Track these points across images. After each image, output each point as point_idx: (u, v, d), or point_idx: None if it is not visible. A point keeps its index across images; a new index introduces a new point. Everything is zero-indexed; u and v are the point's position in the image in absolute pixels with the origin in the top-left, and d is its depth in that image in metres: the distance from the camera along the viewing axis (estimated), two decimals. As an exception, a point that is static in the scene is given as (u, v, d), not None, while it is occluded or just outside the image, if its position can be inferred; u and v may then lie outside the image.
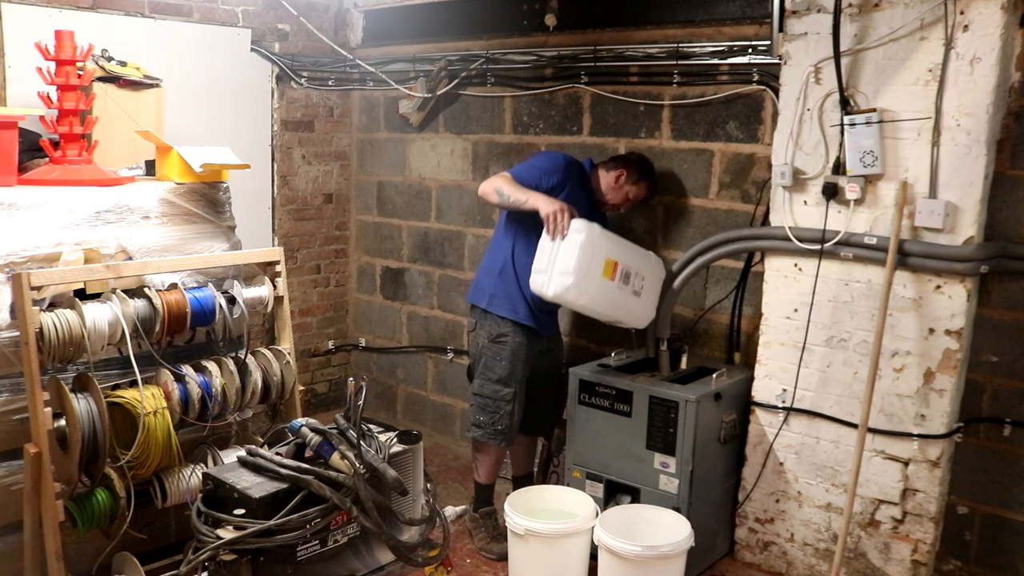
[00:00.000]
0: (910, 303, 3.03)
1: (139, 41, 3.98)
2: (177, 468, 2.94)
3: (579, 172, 3.53)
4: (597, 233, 3.25)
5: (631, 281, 3.34)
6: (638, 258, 3.41)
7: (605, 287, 3.26)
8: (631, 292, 3.34)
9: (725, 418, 3.38)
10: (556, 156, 3.51)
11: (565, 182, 3.43)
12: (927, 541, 3.09)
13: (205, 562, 2.17)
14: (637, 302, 3.38)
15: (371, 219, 5.07)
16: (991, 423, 3.08)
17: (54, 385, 2.73)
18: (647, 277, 3.41)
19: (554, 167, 3.43)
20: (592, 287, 3.23)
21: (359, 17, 4.83)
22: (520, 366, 3.47)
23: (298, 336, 4.81)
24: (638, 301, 3.38)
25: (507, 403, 3.46)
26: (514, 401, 3.48)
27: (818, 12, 3.11)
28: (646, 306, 3.42)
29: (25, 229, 2.84)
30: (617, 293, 3.30)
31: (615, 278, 3.28)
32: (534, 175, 3.39)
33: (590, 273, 3.21)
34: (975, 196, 2.87)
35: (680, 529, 3.05)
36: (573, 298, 3.25)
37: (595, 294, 3.26)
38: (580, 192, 3.49)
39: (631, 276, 3.34)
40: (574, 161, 3.54)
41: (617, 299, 3.32)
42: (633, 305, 3.37)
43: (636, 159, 3.59)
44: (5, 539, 2.87)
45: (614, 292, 3.29)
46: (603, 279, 3.24)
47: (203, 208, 3.28)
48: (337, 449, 2.35)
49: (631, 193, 3.54)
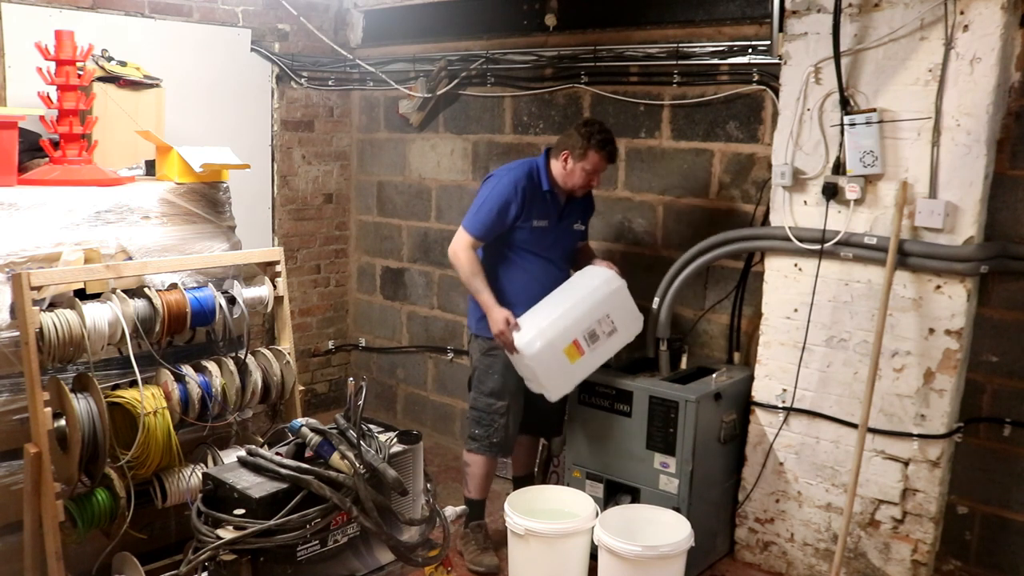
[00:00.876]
0: (910, 303, 3.03)
1: (139, 41, 3.98)
2: (177, 468, 2.94)
3: (535, 179, 3.37)
4: (545, 335, 3.20)
5: (599, 335, 3.31)
6: (599, 298, 3.33)
7: (582, 365, 3.29)
8: (606, 336, 3.33)
9: (725, 418, 3.38)
10: (503, 185, 3.32)
11: (522, 206, 3.32)
12: (927, 541, 3.09)
13: (205, 562, 2.17)
14: (616, 337, 3.37)
15: (371, 219, 5.07)
16: (991, 423, 3.08)
17: (54, 385, 2.73)
18: (612, 312, 3.34)
19: (503, 203, 3.30)
20: (572, 374, 3.30)
21: (359, 17, 4.83)
22: (513, 378, 3.41)
23: (298, 336, 4.81)
24: (617, 336, 3.37)
25: (501, 416, 3.43)
26: (508, 414, 3.44)
27: (818, 12, 3.11)
28: (624, 332, 3.40)
29: (25, 229, 2.84)
30: (593, 354, 3.31)
31: (583, 351, 3.27)
32: (489, 226, 3.31)
33: (558, 371, 3.26)
34: (975, 196, 2.87)
35: (680, 529, 3.05)
36: (569, 391, 3.36)
37: (582, 372, 3.32)
38: (542, 200, 3.38)
39: (597, 332, 3.30)
40: (526, 171, 3.37)
41: (597, 356, 3.33)
42: (615, 341, 3.38)
43: (576, 130, 3.34)
44: (5, 539, 2.87)
45: (590, 356, 3.30)
46: (572, 363, 3.26)
47: (203, 208, 3.28)
48: (337, 449, 2.35)
49: (585, 168, 3.33)
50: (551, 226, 3.42)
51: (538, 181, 3.38)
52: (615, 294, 3.35)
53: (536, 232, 3.39)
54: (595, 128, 3.32)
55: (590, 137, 3.29)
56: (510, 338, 3.22)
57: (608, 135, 3.34)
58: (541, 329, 3.22)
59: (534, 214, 3.36)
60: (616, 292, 3.36)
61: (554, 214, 3.41)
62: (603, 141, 3.31)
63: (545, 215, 3.39)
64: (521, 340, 3.21)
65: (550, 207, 3.41)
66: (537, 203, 3.37)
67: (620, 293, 3.37)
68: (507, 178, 3.35)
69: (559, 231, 3.46)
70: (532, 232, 3.38)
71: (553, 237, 3.43)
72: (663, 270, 3.70)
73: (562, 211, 3.44)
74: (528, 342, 3.20)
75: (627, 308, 3.41)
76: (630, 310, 3.42)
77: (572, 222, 3.51)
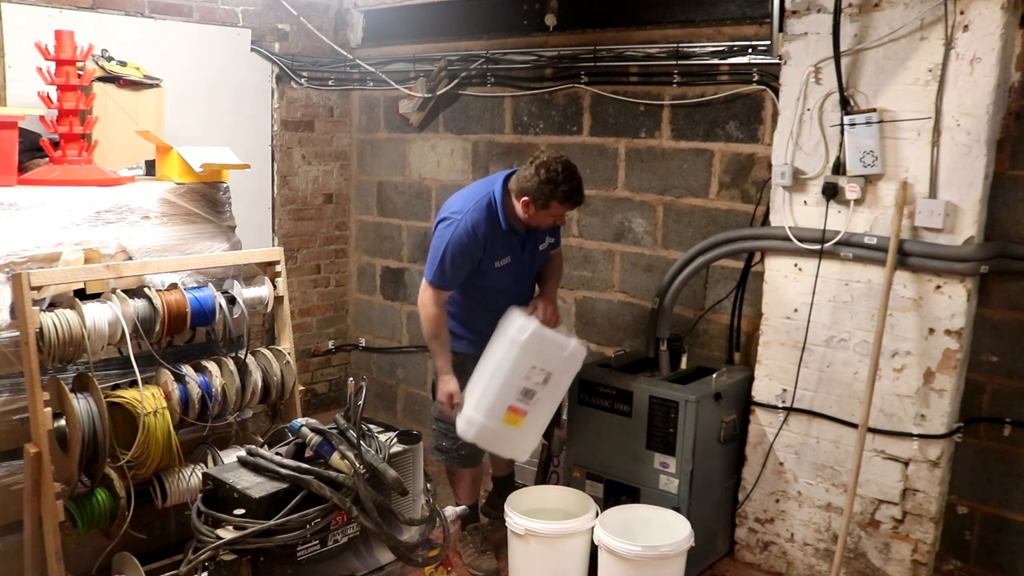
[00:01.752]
0: (910, 303, 3.03)
1: (139, 41, 3.98)
2: (177, 468, 2.94)
3: (494, 216, 3.13)
4: (475, 418, 3.13)
5: (533, 389, 3.14)
6: (515, 356, 3.12)
7: (533, 420, 3.20)
8: (543, 385, 3.15)
9: (725, 418, 3.38)
10: (459, 233, 3.08)
11: (482, 251, 3.12)
12: (927, 541, 3.09)
13: (205, 562, 2.17)
14: (556, 379, 3.19)
15: (371, 219, 5.07)
16: (991, 423, 3.08)
17: (54, 385, 2.73)
18: (537, 362, 3.13)
19: (462, 252, 3.09)
20: (527, 433, 3.23)
21: (359, 17, 4.83)
22: None
23: (298, 336, 4.81)
24: (556, 378, 3.18)
25: None
26: None
27: (818, 12, 3.11)
28: (562, 371, 3.21)
29: (25, 229, 2.84)
30: (538, 406, 3.18)
31: (524, 411, 3.15)
32: (451, 277, 3.14)
33: (509, 439, 3.21)
34: (975, 196, 2.87)
35: (680, 529, 3.05)
36: (536, 444, 3.35)
37: (538, 424, 3.25)
38: (503, 239, 3.16)
39: (530, 388, 3.14)
40: (484, 210, 3.11)
41: (545, 404, 3.21)
42: (557, 382, 3.21)
43: (536, 175, 3.02)
44: (5, 539, 2.87)
45: (536, 409, 3.18)
46: (519, 427, 3.17)
47: (203, 208, 3.28)
48: (337, 449, 2.35)
49: (546, 216, 3.10)
50: (514, 261, 3.23)
51: (497, 220, 3.13)
52: (531, 342, 3.08)
53: (500, 271, 3.22)
54: (559, 176, 2.99)
55: (554, 189, 3.00)
56: (452, 415, 3.17)
57: (574, 183, 3.03)
58: (471, 412, 3.14)
59: (496, 255, 3.17)
60: (531, 339, 3.08)
61: (517, 247, 3.22)
62: (569, 192, 3.03)
63: (507, 252, 3.19)
64: (459, 425, 3.17)
65: (512, 242, 3.20)
66: (498, 242, 3.15)
67: (536, 337, 3.09)
68: (463, 223, 3.09)
69: (525, 260, 3.28)
70: (496, 272, 3.21)
71: (519, 269, 3.28)
72: (663, 270, 3.71)
73: (524, 241, 3.24)
74: (464, 428, 3.16)
75: (554, 345, 3.14)
76: (558, 345, 3.15)
77: (538, 244, 3.31)
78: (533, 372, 3.11)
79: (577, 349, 3.19)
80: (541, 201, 3.04)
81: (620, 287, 4.03)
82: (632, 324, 3.98)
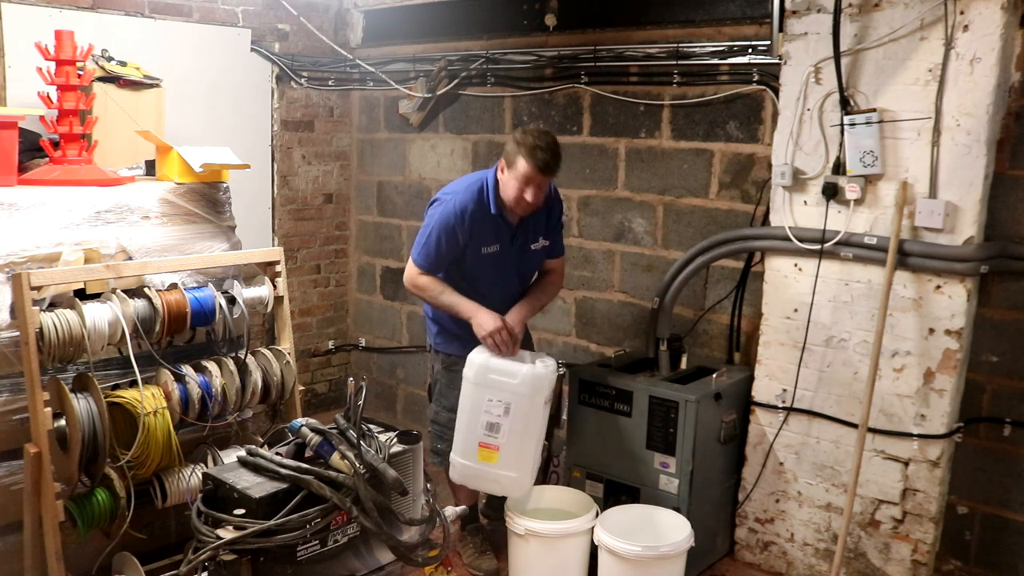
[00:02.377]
0: (910, 303, 3.03)
1: (139, 41, 3.98)
2: (177, 468, 2.94)
3: (484, 200, 3.08)
4: (455, 462, 3.12)
5: (497, 421, 3.04)
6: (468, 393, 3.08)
7: (510, 451, 3.06)
8: (504, 415, 3.03)
9: (725, 418, 3.38)
10: (448, 213, 3.05)
11: (469, 235, 3.06)
12: (927, 541, 3.09)
13: (205, 562, 2.17)
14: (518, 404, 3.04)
15: (371, 219, 5.07)
16: (991, 423, 3.08)
17: (54, 385, 2.73)
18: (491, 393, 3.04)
19: (448, 232, 3.04)
20: (511, 463, 3.08)
21: (359, 17, 4.83)
22: None
23: (298, 336, 4.81)
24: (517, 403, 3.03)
25: None
26: None
27: (818, 12, 3.11)
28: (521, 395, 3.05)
29: (25, 229, 2.84)
30: (511, 436, 3.04)
31: (496, 446, 3.04)
32: (436, 258, 3.09)
33: (494, 474, 3.09)
34: (975, 196, 2.87)
35: (680, 529, 3.05)
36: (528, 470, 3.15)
37: (522, 454, 3.09)
38: (491, 224, 3.10)
39: (493, 421, 3.04)
40: (475, 192, 3.07)
41: (521, 432, 3.06)
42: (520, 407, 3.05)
43: (513, 137, 2.99)
44: (5, 539, 2.87)
45: (510, 440, 3.04)
46: (493, 466, 3.07)
47: (203, 208, 3.28)
48: (337, 449, 2.35)
49: (516, 180, 2.96)
50: (503, 251, 3.15)
51: (487, 204, 3.07)
52: (479, 376, 3.04)
53: (487, 259, 3.13)
54: (530, 138, 2.93)
55: (519, 146, 2.93)
56: (506, 338, 3.02)
57: (543, 140, 2.92)
58: (453, 454, 3.13)
59: (483, 240, 3.10)
60: (478, 373, 3.04)
61: (506, 236, 3.13)
62: (533, 148, 2.89)
63: (495, 239, 3.12)
64: (451, 471, 3.17)
65: (501, 230, 3.12)
66: (486, 228, 3.09)
67: (483, 370, 3.03)
68: (452, 204, 3.06)
69: (513, 253, 3.19)
70: (482, 259, 3.12)
71: (505, 261, 3.18)
72: (663, 270, 3.71)
73: (514, 232, 3.15)
74: (452, 472, 3.17)
75: (503, 375, 3.03)
76: (508, 373, 3.02)
77: (529, 242, 3.21)
78: (491, 405, 3.04)
79: (530, 375, 3.01)
80: (510, 158, 2.97)
81: (620, 287, 4.03)
82: (632, 324, 3.98)
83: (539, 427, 3.13)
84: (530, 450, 3.11)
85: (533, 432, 3.10)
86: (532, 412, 3.06)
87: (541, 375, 3.04)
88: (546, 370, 3.06)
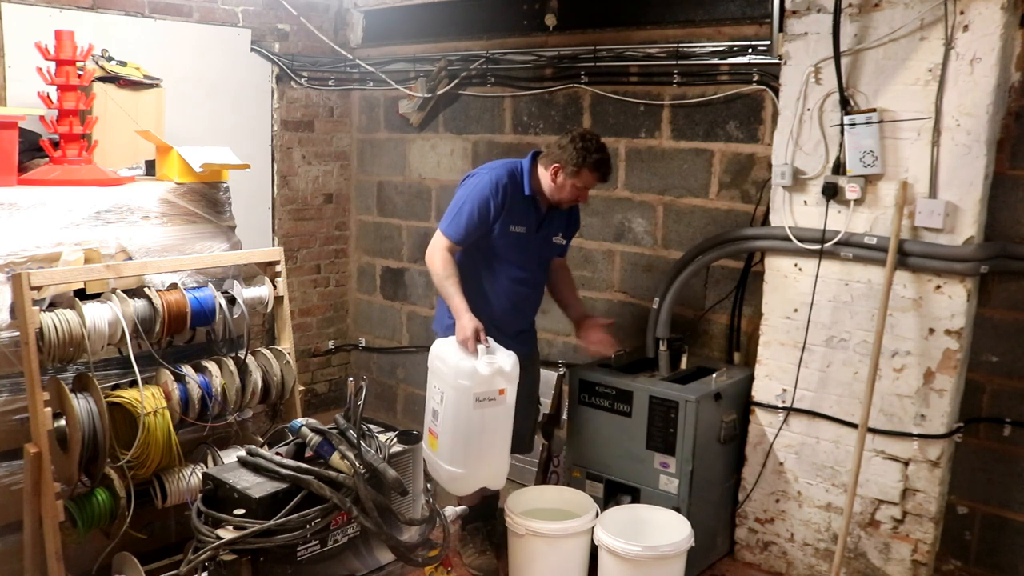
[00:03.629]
0: (910, 303, 3.03)
1: (139, 41, 3.98)
2: (177, 468, 2.94)
3: (518, 180, 3.18)
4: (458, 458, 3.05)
5: (435, 409, 3.05)
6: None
7: (444, 452, 3.04)
8: (439, 403, 3.03)
9: (725, 418, 3.38)
10: (483, 184, 3.14)
11: (501, 207, 3.13)
12: (927, 541, 3.09)
13: (205, 562, 2.17)
14: (454, 395, 3.00)
15: (371, 219, 5.07)
16: (991, 423, 3.08)
17: (54, 385, 2.73)
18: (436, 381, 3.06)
19: (482, 202, 3.11)
20: (442, 468, 3.06)
21: (359, 17, 4.83)
22: None
23: (298, 336, 4.81)
24: (453, 394, 3.00)
25: None
26: None
27: (818, 12, 3.11)
28: (456, 387, 3.00)
29: (25, 229, 2.84)
30: (447, 435, 3.01)
31: (435, 433, 3.04)
32: (469, 228, 3.11)
33: (434, 466, 3.07)
34: (975, 196, 2.87)
35: (680, 529, 3.05)
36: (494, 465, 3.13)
37: (454, 466, 3.05)
38: (522, 205, 3.19)
39: (434, 407, 3.06)
40: (509, 172, 3.18)
41: (452, 438, 3.02)
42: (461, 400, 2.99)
43: (572, 144, 3.10)
44: (5, 539, 2.87)
45: (446, 441, 3.02)
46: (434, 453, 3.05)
47: (203, 208, 3.28)
48: (337, 449, 2.35)
49: (576, 186, 3.14)
50: (528, 234, 3.22)
51: (520, 184, 3.18)
52: (432, 360, 3.09)
53: (512, 238, 3.19)
54: (592, 145, 3.10)
55: (586, 156, 3.08)
56: (474, 348, 2.98)
57: (605, 155, 3.14)
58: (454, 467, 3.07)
59: (512, 218, 3.17)
60: (432, 357, 3.10)
61: (533, 221, 3.23)
62: (599, 162, 3.11)
63: (523, 221, 3.19)
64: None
65: (530, 213, 3.22)
66: (517, 207, 3.17)
67: (433, 355, 3.09)
68: (488, 177, 3.15)
69: (537, 240, 3.27)
70: (508, 237, 3.18)
71: (529, 246, 3.25)
72: (663, 270, 3.71)
73: (542, 220, 3.25)
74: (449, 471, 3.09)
75: (445, 365, 3.02)
76: (449, 367, 2.99)
77: (551, 233, 3.32)
78: (433, 391, 3.07)
79: (456, 367, 2.96)
80: (572, 167, 3.09)
81: (620, 287, 4.03)
82: (632, 324, 3.98)
83: (476, 426, 3.00)
84: (465, 448, 3.01)
85: (467, 429, 2.99)
86: (462, 406, 2.96)
87: (466, 370, 2.94)
88: (483, 368, 2.95)
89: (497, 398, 3.01)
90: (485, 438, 3.05)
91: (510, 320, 3.30)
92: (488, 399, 2.99)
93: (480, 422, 3.00)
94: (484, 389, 2.98)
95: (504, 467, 3.19)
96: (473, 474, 3.09)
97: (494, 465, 3.14)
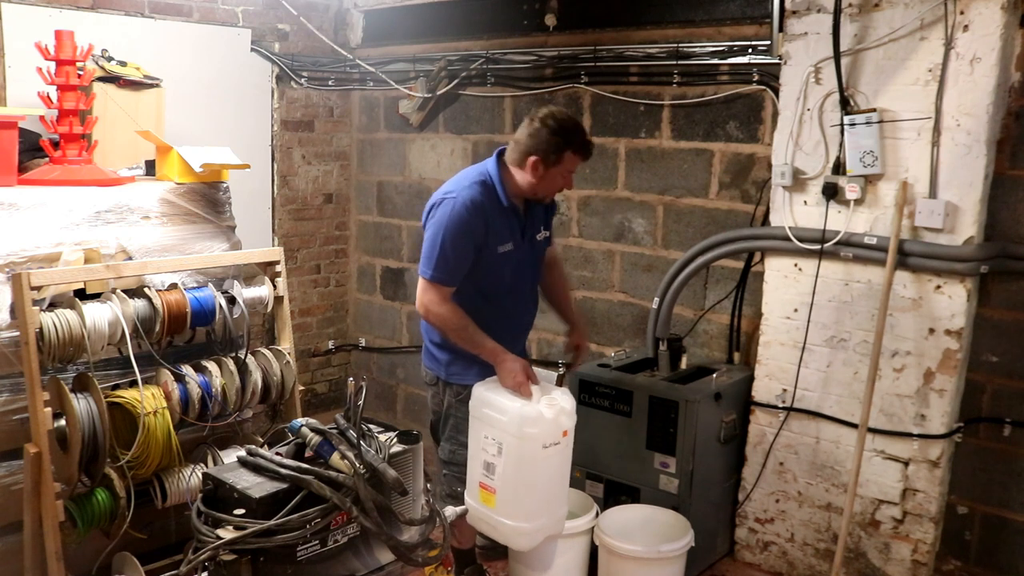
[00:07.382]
0: (910, 303, 3.03)
1: (139, 41, 3.98)
2: (177, 468, 2.94)
3: (493, 193, 2.81)
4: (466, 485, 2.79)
5: (491, 462, 2.68)
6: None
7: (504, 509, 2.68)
8: (497, 455, 2.66)
9: (725, 418, 3.38)
10: (457, 210, 2.72)
11: (484, 234, 2.76)
12: (927, 541, 3.09)
13: (205, 562, 2.16)
14: (510, 446, 2.65)
15: (371, 219, 5.07)
16: (991, 423, 3.08)
17: (54, 385, 2.73)
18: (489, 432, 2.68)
19: (463, 229, 2.71)
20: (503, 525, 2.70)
21: (359, 17, 4.83)
22: None
23: (298, 336, 4.81)
24: (509, 444, 2.65)
25: None
26: None
27: (818, 12, 3.11)
28: (510, 434, 2.64)
29: (25, 229, 2.84)
30: (514, 481, 2.65)
31: (492, 488, 2.69)
32: (454, 266, 2.74)
33: (486, 520, 2.74)
34: (975, 196, 2.87)
35: (680, 529, 3.05)
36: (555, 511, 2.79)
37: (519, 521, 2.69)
38: (504, 219, 2.82)
39: (488, 460, 2.69)
40: (480, 186, 2.79)
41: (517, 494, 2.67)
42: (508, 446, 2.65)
43: (545, 129, 2.73)
44: (5, 539, 2.87)
45: (507, 496, 2.66)
46: (491, 510, 2.70)
47: (203, 208, 3.28)
48: (337, 449, 2.35)
49: (561, 173, 2.79)
50: (517, 248, 2.86)
51: (496, 195, 2.80)
52: (475, 406, 2.73)
53: (502, 259, 2.83)
54: (569, 125, 2.76)
55: (568, 137, 2.74)
56: (529, 392, 2.64)
57: (584, 131, 2.82)
58: (466, 495, 2.80)
59: (498, 238, 2.80)
60: (474, 403, 2.73)
61: (518, 231, 2.86)
62: (582, 141, 2.77)
63: (509, 236, 2.83)
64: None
65: (513, 225, 2.85)
66: (499, 223, 2.80)
67: (477, 401, 2.72)
68: (459, 201, 2.73)
69: (525, 249, 2.91)
70: (496, 259, 2.81)
71: (520, 260, 2.90)
72: (663, 270, 3.71)
73: (524, 226, 2.89)
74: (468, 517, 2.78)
75: (495, 410, 2.66)
76: (499, 409, 2.64)
77: (535, 233, 2.96)
78: (487, 442, 2.68)
79: (518, 414, 2.59)
80: (554, 155, 2.73)
81: (620, 287, 4.03)
82: (632, 324, 3.98)
83: (543, 475, 2.67)
84: (532, 500, 2.68)
85: (533, 479, 2.66)
86: (527, 456, 2.61)
87: (531, 417, 2.59)
88: (546, 411, 2.62)
89: (561, 440, 2.68)
90: (553, 486, 2.74)
91: (518, 338, 3.03)
92: (554, 444, 2.65)
93: (547, 470, 2.68)
94: (551, 433, 2.64)
95: (566, 510, 2.88)
96: (542, 525, 2.76)
97: (561, 511, 2.83)
